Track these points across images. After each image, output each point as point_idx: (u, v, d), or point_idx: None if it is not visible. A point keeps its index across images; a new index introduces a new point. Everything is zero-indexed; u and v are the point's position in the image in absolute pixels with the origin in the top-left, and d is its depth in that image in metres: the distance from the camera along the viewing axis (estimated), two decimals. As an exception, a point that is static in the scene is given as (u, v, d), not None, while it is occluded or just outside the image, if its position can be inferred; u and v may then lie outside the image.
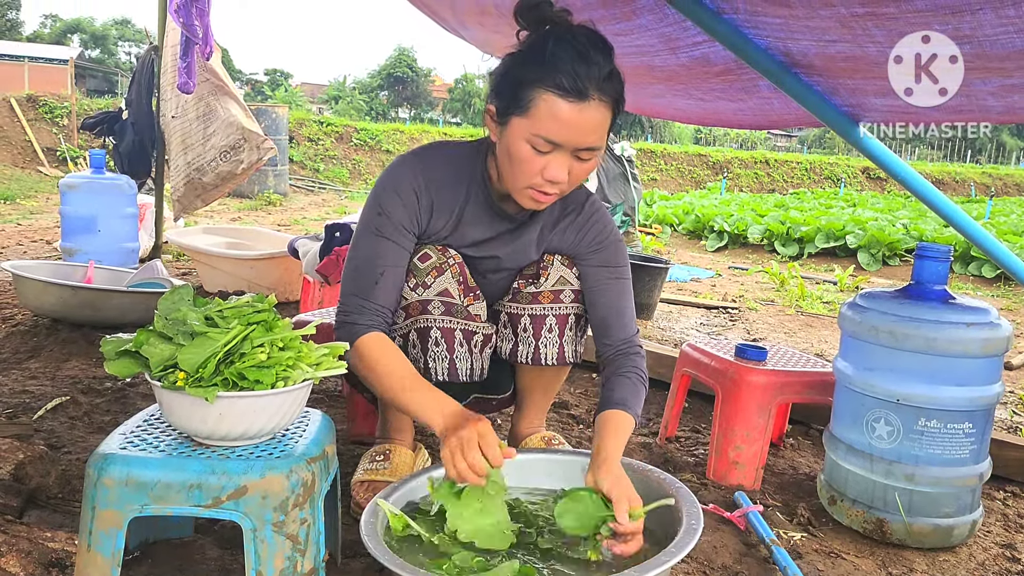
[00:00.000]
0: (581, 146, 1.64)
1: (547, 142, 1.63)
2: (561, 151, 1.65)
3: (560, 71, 1.59)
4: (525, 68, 1.63)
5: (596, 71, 1.60)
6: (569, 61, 1.59)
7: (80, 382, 2.81)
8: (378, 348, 1.74)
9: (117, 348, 1.41)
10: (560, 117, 1.60)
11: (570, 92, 1.59)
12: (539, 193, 1.71)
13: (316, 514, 1.44)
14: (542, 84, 1.60)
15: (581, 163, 1.68)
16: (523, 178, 1.69)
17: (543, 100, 1.60)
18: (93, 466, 1.38)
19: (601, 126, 1.65)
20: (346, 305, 1.81)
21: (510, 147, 1.68)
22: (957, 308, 1.95)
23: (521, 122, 1.64)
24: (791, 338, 4.71)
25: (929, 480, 1.96)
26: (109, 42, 54.12)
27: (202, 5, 4.07)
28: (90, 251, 4.61)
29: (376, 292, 1.80)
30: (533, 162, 1.66)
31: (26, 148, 13.97)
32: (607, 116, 1.65)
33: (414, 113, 43.93)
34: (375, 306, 1.80)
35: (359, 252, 1.84)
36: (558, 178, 1.66)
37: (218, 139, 4.97)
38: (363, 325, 1.77)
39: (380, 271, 1.81)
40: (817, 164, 24.56)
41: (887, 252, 9.29)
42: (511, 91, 1.65)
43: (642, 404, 1.85)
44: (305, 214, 10.78)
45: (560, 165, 1.65)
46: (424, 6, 3.28)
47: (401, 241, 1.84)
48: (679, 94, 3.11)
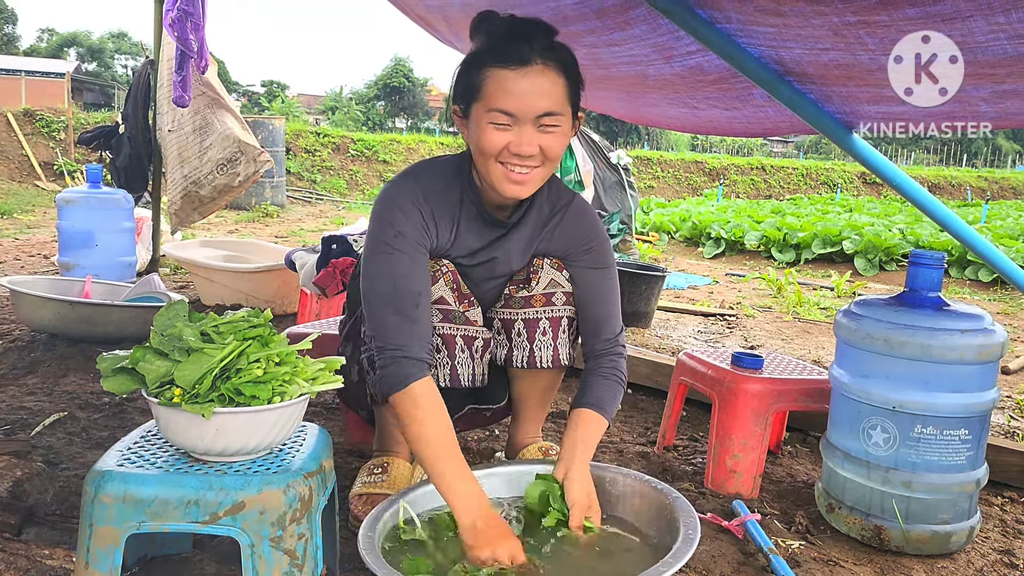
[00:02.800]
0: (537, 112, 1.69)
1: (503, 114, 1.69)
2: (521, 123, 1.69)
3: (497, 46, 1.70)
4: (472, 60, 1.74)
5: (535, 42, 1.69)
6: (505, 36, 1.71)
7: (78, 397, 2.81)
8: (430, 398, 1.70)
9: (113, 365, 1.42)
10: (506, 86, 1.68)
11: (511, 60, 1.68)
12: (514, 172, 1.74)
13: (314, 528, 1.44)
14: (486, 63, 1.70)
15: (548, 134, 1.72)
16: (493, 161, 1.74)
17: (490, 76, 1.69)
18: (90, 483, 1.38)
19: (552, 90, 1.70)
20: (394, 334, 1.72)
21: (477, 136, 1.74)
22: (951, 315, 1.95)
23: (478, 107, 1.72)
24: (788, 345, 4.72)
25: (926, 487, 1.96)
26: (106, 56, 54.23)
27: (197, 19, 4.09)
28: (87, 265, 4.62)
29: (420, 316, 1.75)
30: (497, 140, 1.70)
31: (23, 162, 13.97)
32: (557, 81, 1.71)
33: (411, 123, 43.96)
34: (423, 333, 1.75)
35: (383, 275, 1.77)
36: (525, 150, 1.70)
37: (215, 152, 4.99)
38: (419, 362, 1.72)
39: (418, 291, 1.77)
40: (813, 170, 24.61)
41: (884, 257, 9.30)
42: (465, 85, 1.75)
43: (617, 406, 1.95)
44: (303, 225, 10.79)
45: (524, 137, 1.70)
46: (419, 18, 3.29)
47: (421, 259, 1.81)
48: (674, 103, 3.12)
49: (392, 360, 1.71)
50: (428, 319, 1.78)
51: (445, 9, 2.94)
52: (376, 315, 1.76)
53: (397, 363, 1.70)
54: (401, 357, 1.70)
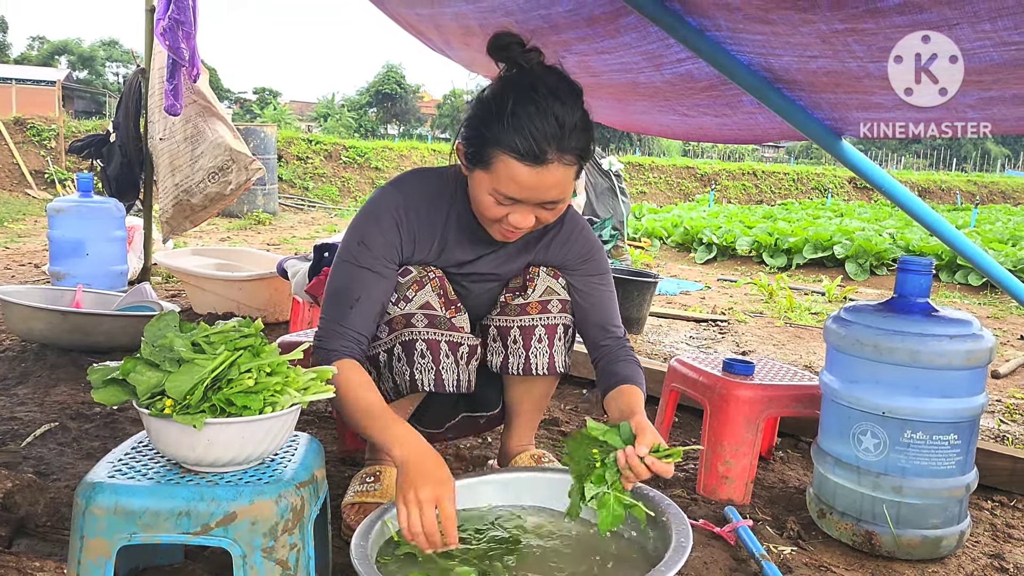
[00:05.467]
0: (543, 200, 1.68)
1: (507, 198, 1.67)
2: (523, 205, 1.69)
3: (518, 134, 1.59)
4: (487, 125, 1.65)
5: (556, 130, 1.60)
6: (528, 122, 1.59)
7: (69, 408, 2.80)
8: (348, 375, 1.71)
9: (104, 376, 1.42)
10: (518, 180, 1.63)
11: (526, 156, 1.60)
12: (508, 231, 1.77)
13: (306, 539, 1.44)
14: (500, 146, 1.62)
15: (549, 211, 1.73)
16: (489, 221, 1.77)
17: (502, 162, 1.63)
18: (81, 495, 1.37)
19: (562, 182, 1.67)
20: (322, 330, 1.82)
21: (475, 194, 1.74)
22: (940, 320, 1.96)
23: (483, 176, 1.68)
24: (780, 350, 4.73)
25: (916, 492, 1.97)
26: (97, 63, 54.17)
27: (188, 28, 4.09)
28: (78, 275, 4.60)
29: (351, 317, 1.81)
30: (497, 210, 1.71)
31: (14, 171, 13.92)
32: (569, 172, 1.66)
33: (403, 129, 44.03)
34: (349, 332, 1.80)
35: (336, 280, 1.87)
36: (522, 225, 1.72)
37: (206, 160, 4.98)
38: (336, 351, 1.77)
39: (356, 296, 1.83)
40: (804, 175, 24.69)
41: (875, 262, 9.33)
42: (474, 145, 1.68)
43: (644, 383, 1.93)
44: (295, 233, 10.78)
45: (523, 215, 1.71)
46: (410, 26, 3.30)
47: (380, 270, 1.85)
48: (664, 110, 3.14)
49: (315, 350, 1.79)
50: (362, 323, 1.82)
51: (437, 18, 2.95)
52: (320, 316, 1.85)
53: (317, 352, 1.79)
54: (320, 347, 1.79)
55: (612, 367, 1.95)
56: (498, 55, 1.72)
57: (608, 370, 1.95)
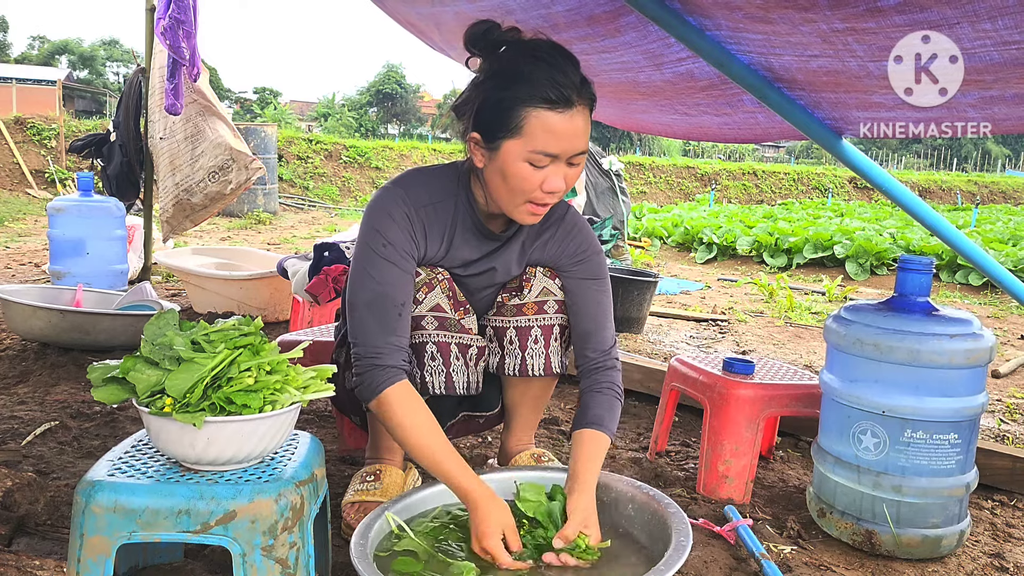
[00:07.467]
0: (575, 152, 1.70)
1: (545, 156, 1.67)
2: (557, 162, 1.69)
3: (543, 85, 1.64)
4: (506, 91, 1.67)
5: (573, 78, 1.66)
6: (546, 74, 1.64)
7: (69, 407, 2.80)
8: (407, 403, 1.71)
9: (104, 375, 1.42)
10: (554, 129, 1.65)
11: (558, 103, 1.64)
12: (537, 206, 1.76)
13: (305, 537, 1.44)
14: (529, 102, 1.64)
15: (572, 168, 1.73)
16: (521, 195, 1.73)
17: (534, 117, 1.64)
18: (81, 493, 1.37)
19: (587, 130, 1.71)
20: (372, 346, 1.74)
21: (506, 169, 1.71)
22: (940, 320, 1.96)
23: (515, 144, 1.67)
24: (780, 350, 4.73)
25: (916, 491, 1.97)
26: (97, 63, 54.17)
27: (189, 27, 4.09)
28: (79, 274, 4.60)
29: (400, 325, 1.77)
30: (532, 178, 1.70)
31: (14, 170, 13.93)
32: (589, 119, 1.71)
33: (403, 129, 44.03)
34: (403, 341, 1.77)
35: (370, 285, 1.78)
36: (557, 187, 1.71)
37: (206, 160, 4.98)
38: (392, 368, 1.72)
39: (400, 301, 1.78)
40: (805, 175, 24.68)
41: (875, 262, 9.33)
42: (497, 116, 1.68)
43: (617, 419, 1.93)
44: (295, 232, 10.78)
45: (557, 175, 1.70)
46: (411, 26, 3.30)
47: (409, 269, 1.82)
48: (664, 109, 3.14)
49: (368, 368, 1.73)
50: (407, 330, 1.80)
51: (438, 17, 2.95)
52: (357, 322, 1.77)
53: (372, 371, 1.72)
54: (376, 365, 1.72)
55: (587, 397, 1.92)
56: (480, 43, 1.76)
57: (583, 400, 1.93)
